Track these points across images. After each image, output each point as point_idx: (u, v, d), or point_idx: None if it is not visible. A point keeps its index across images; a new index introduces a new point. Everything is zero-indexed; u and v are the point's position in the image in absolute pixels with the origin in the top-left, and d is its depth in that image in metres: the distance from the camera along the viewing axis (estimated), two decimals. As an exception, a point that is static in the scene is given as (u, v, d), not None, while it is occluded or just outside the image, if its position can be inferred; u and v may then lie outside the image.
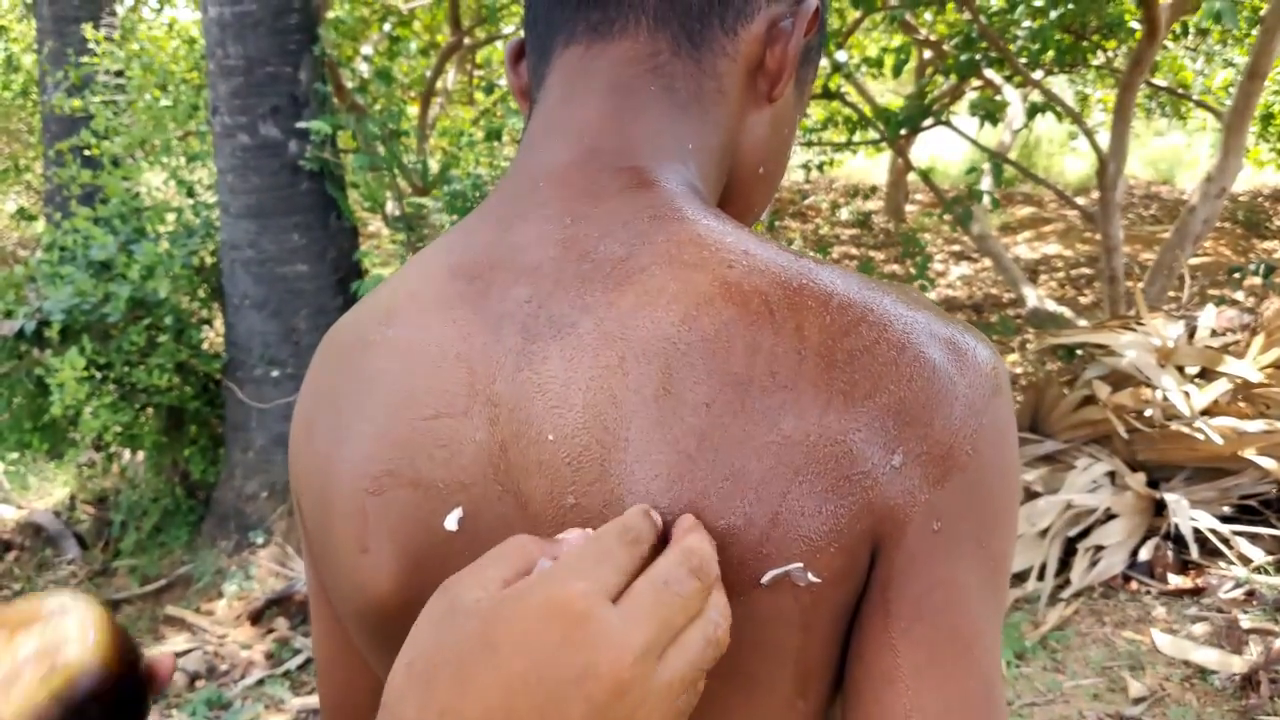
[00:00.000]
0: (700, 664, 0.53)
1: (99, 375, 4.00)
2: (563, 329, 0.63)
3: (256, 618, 3.88)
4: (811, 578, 0.58)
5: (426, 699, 0.50)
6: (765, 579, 0.58)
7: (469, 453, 0.63)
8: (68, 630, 0.66)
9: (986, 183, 5.36)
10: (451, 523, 0.63)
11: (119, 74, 5.24)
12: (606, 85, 0.71)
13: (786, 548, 0.58)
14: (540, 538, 0.56)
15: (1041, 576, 3.58)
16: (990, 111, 5.63)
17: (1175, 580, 3.55)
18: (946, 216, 5.69)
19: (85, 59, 5.27)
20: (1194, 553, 3.55)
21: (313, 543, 0.74)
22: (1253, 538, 3.63)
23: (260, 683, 3.52)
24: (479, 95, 8.08)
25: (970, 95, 6.90)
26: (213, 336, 4.76)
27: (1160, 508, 3.74)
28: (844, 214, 8.77)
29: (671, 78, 0.71)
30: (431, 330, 0.66)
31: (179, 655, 3.71)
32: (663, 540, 0.57)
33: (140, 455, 4.67)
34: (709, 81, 0.71)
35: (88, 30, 5.43)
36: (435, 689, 0.50)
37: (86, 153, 4.93)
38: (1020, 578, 3.63)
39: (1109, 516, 3.70)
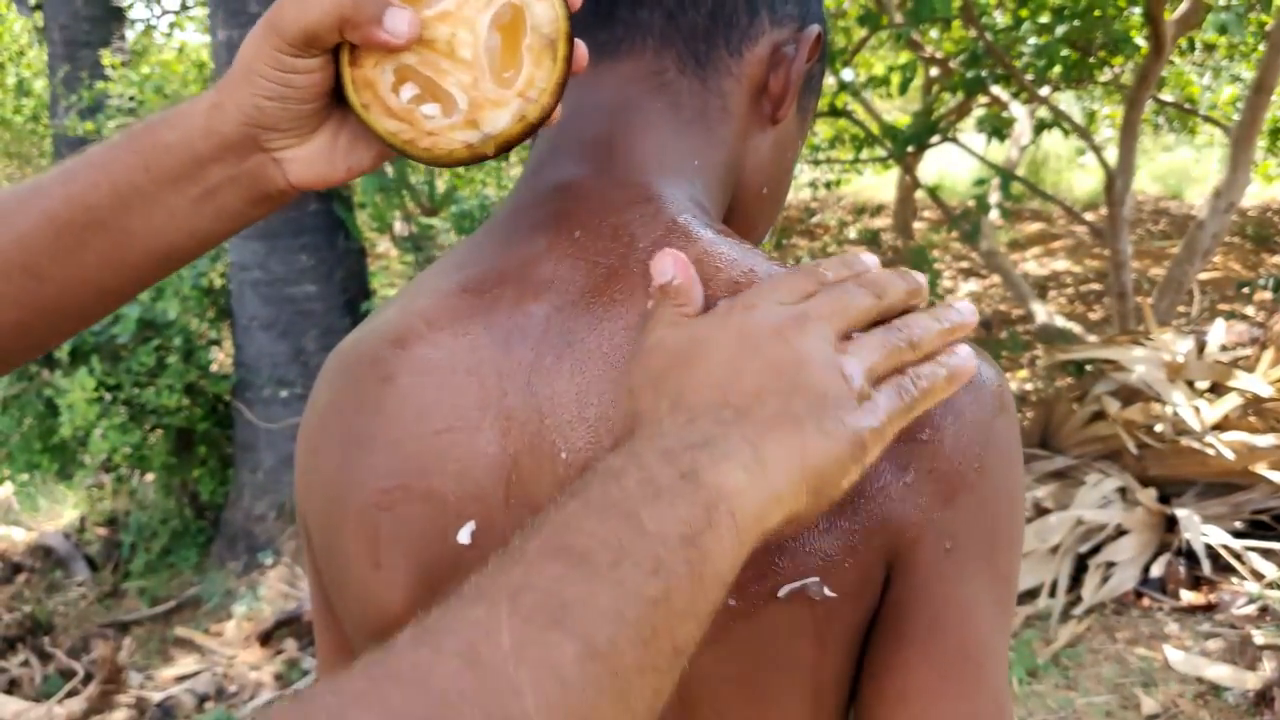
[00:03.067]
0: (897, 418, 0.56)
1: (108, 396, 4.00)
2: (573, 343, 0.63)
3: (265, 639, 3.87)
4: (827, 592, 0.59)
5: (659, 388, 0.56)
6: (782, 592, 0.59)
7: (481, 466, 0.64)
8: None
9: (994, 197, 5.36)
10: (464, 536, 0.64)
11: (130, 98, 5.28)
12: (613, 102, 0.72)
13: (802, 562, 0.59)
14: None
15: (1053, 593, 3.56)
16: (997, 128, 5.64)
17: (1187, 596, 3.52)
18: (954, 233, 5.69)
19: (99, 83, 5.30)
20: (1206, 569, 3.52)
21: (321, 561, 0.74)
22: (1265, 553, 3.60)
23: (269, 703, 3.51)
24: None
25: (977, 112, 6.90)
26: (222, 357, 4.77)
27: (1171, 523, 3.72)
28: (852, 232, 8.77)
29: (677, 95, 0.72)
30: (441, 346, 0.67)
31: (187, 678, 3.70)
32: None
33: (149, 476, 4.68)
34: (714, 100, 0.73)
35: (105, 56, 5.47)
36: (665, 381, 0.56)
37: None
38: (1031, 595, 3.61)
39: (1120, 533, 3.68)
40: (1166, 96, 7.58)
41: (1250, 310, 6.70)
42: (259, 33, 0.62)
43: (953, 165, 10.56)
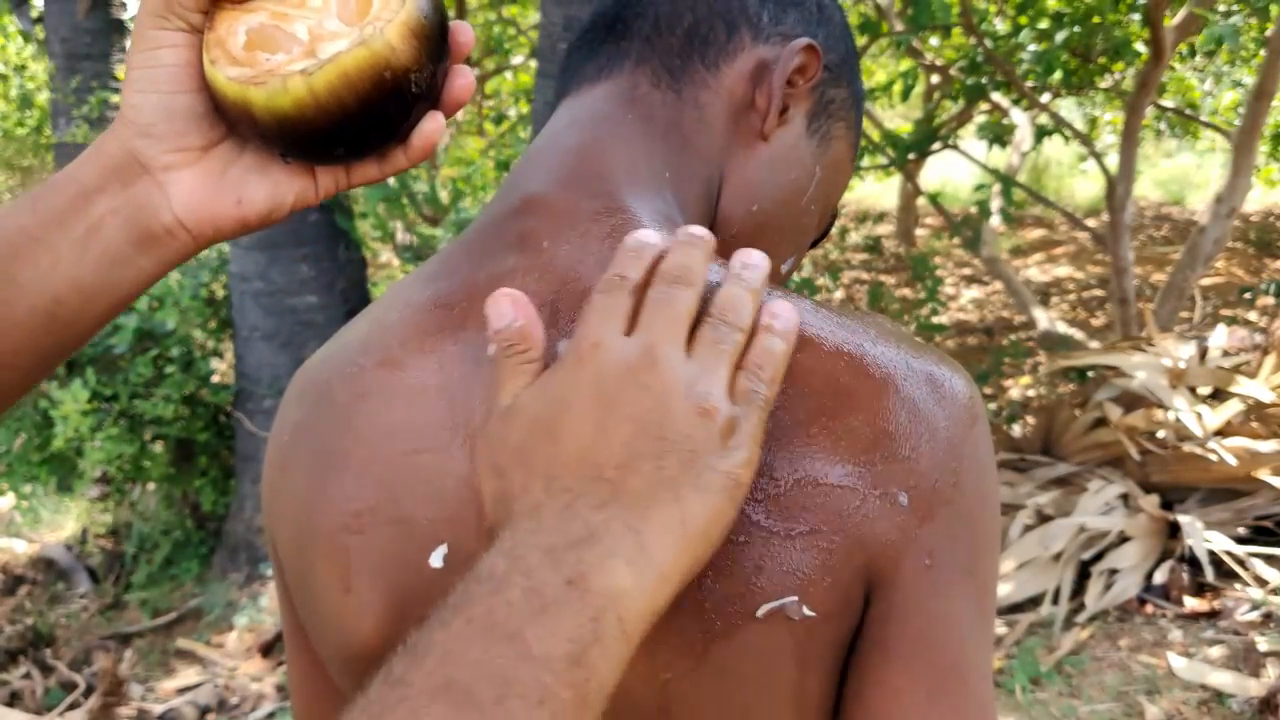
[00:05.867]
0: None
1: (105, 407, 4.00)
2: (545, 361, 0.62)
3: (267, 650, 3.87)
4: (806, 611, 0.59)
5: (528, 465, 0.55)
6: (761, 612, 0.59)
7: (452, 488, 0.63)
8: None
9: (996, 203, 5.37)
10: (437, 560, 0.63)
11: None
12: (587, 118, 0.73)
13: (780, 581, 0.59)
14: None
15: (1056, 601, 3.55)
16: (998, 135, 5.64)
17: (1191, 603, 3.51)
18: (956, 240, 5.69)
19: (103, 94, 5.32)
20: (1209, 575, 3.51)
21: (291, 583, 0.73)
22: (1268, 559, 3.59)
23: (271, 715, 3.51)
24: (489, 126, 8.13)
25: (979, 119, 6.90)
26: (223, 368, 4.77)
27: (1174, 530, 3.71)
28: (854, 239, 8.76)
29: (650, 107, 0.73)
30: (411, 364, 0.66)
31: (189, 689, 3.70)
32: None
33: (150, 487, 4.68)
34: (689, 112, 0.73)
35: (121, 72, 5.49)
36: (531, 456, 0.56)
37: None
38: (1034, 602, 3.60)
39: (1123, 539, 3.67)
40: (1167, 102, 7.58)
41: (1252, 315, 6.69)
42: (134, 29, 0.61)
43: (954, 172, 10.56)
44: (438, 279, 0.69)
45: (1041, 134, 5.75)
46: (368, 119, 0.60)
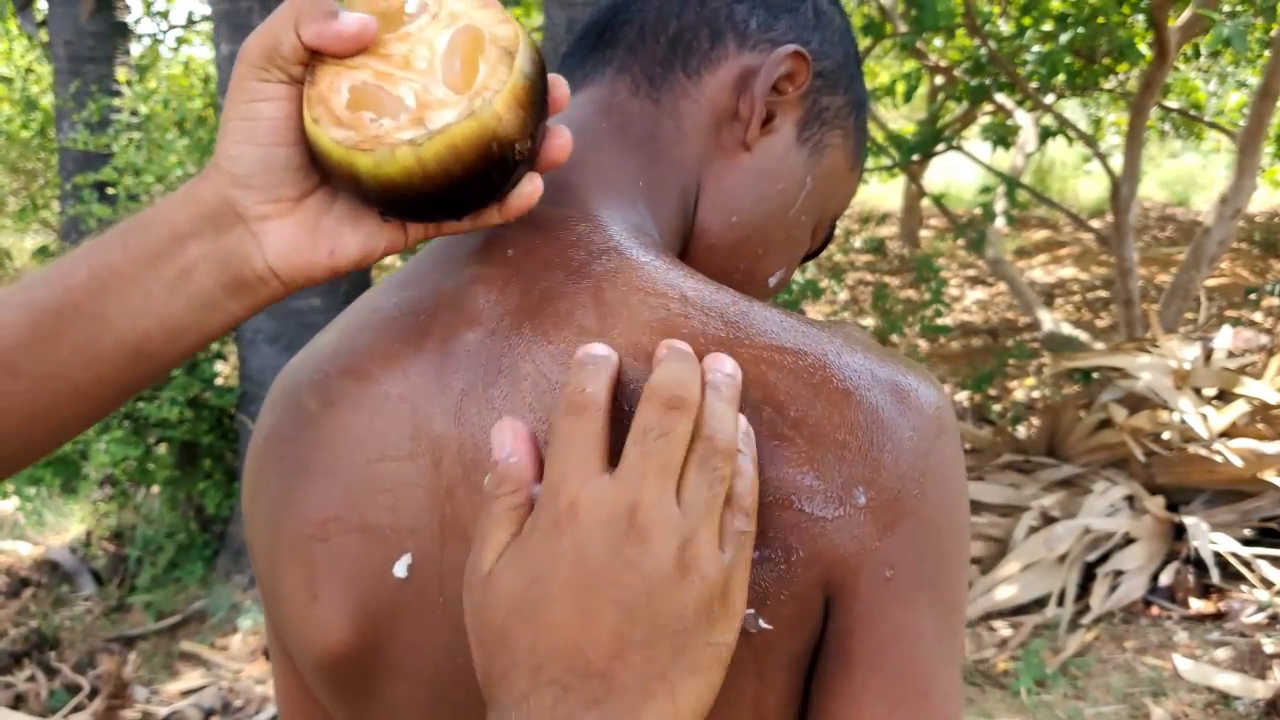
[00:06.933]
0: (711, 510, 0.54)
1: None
2: (504, 370, 0.62)
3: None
4: (763, 624, 0.58)
5: (510, 648, 0.53)
6: None
7: (414, 497, 0.63)
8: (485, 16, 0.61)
9: (1000, 204, 5.36)
10: (401, 569, 0.63)
11: (133, 112, 5.30)
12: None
13: None
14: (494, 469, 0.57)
15: (1061, 603, 3.54)
16: (1002, 136, 5.64)
17: (1196, 605, 3.51)
18: (960, 241, 5.69)
19: (106, 98, 5.32)
20: (1215, 577, 3.51)
21: (265, 590, 0.73)
22: (1274, 561, 3.58)
23: (274, 718, 3.50)
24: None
25: (983, 120, 6.90)
26: (227, 371, 4.77)
27: (1180, 531, 3.71)
28: (857, 241, 8.77)
29: (626, 116, 0.72)
30: (375, 371, 0.66)
31: (193, 692, 3.70)
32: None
33: (155, 490, 4.68)
34: (666, 121, 0.72)
35: (122, 74, 5.49)
36: (513, 640, 0.53)
37: (109, 190, 4.95)
38: (1039, 604, 3.60)
39: (1128, 541, 3.66)
40: (1172, 103, 7.57)
41: (1258, 316, 6.69)
42: (232, 77, 0.61)
43: (958, 173, 10.56)
44: (405, 287, 0.69)
45: (1046, 135, 5.75)
46: (472, 187, 0.60)
